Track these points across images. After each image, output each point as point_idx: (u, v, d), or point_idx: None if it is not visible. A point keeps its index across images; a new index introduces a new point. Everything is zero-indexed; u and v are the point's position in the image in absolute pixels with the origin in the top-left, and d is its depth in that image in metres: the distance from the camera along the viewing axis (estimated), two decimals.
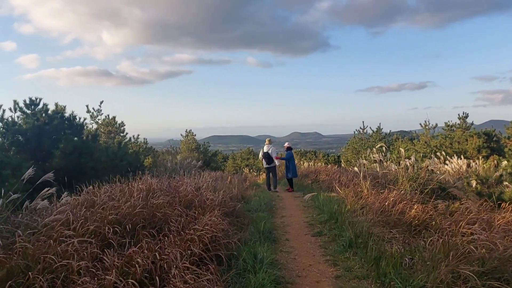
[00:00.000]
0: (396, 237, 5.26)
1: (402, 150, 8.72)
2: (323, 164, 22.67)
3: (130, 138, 15.84)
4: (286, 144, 12.56)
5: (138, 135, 16.56)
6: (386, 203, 5.92)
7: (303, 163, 19.99)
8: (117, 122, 14.37)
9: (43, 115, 9.64)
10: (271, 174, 11.94)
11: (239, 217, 6.10)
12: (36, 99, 9.83)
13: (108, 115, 14.38)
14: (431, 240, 4.66)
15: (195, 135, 22.33)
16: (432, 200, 6.73)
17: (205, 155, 21.78)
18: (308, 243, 5.56)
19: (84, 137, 10.58)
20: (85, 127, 11.65)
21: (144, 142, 21.89)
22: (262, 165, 12.31)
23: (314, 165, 18.98)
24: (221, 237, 4.06)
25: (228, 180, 8.58)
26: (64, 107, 10.83)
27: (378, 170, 8.11)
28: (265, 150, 11.82)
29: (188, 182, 7.37)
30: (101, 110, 14.65)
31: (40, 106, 9.82)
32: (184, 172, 9.51)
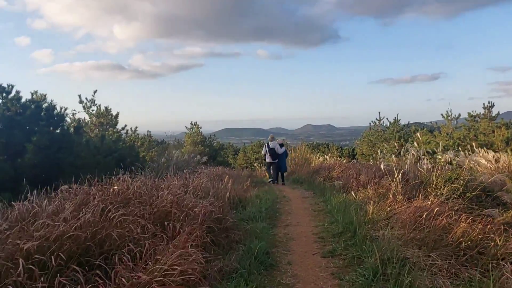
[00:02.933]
0: (438, 263, 3.86)
1: (441, 143, 7.22)
2: (337, 158, 21.00)
3: (127, 130, 14.60)
4: (279, 140, 13.32)
5: (137, 127, 15.34)
6: (424, 216, 4.48)
7: (318, 157, 18.16)
8: (110, 113, 13.11)
9: (16, 104, 8.44)
10: (272, 168, 12.80)
11: (229, 231, 4.76)
12: (8, 86, 8.62)
13: (100, 105, 13.13)
14: (491, 273, 3.29)
15: (200, 128, 20.98)
16: (477, 208, 5.29)
17: (211, 148, 20.49)
18: (317, 268, 4.19)
19: (66, 129, 9.36)
20: (70, 118, 10.47)
21: (147, 135, 20.64)
22: (265, 159, 13.19)
23: (328, 159, 17.27)
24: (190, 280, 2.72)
25: (224, 181, 7.22)
26: (45, 95, 9.57)
27: (408, 167, 6.62)
28: (271, 146, 12.53)
29: (175, 184, 6.06)
30: (94, 100, 13.41)
31: (13, 94, 8.62)
32: (177, 170, 8.21)
